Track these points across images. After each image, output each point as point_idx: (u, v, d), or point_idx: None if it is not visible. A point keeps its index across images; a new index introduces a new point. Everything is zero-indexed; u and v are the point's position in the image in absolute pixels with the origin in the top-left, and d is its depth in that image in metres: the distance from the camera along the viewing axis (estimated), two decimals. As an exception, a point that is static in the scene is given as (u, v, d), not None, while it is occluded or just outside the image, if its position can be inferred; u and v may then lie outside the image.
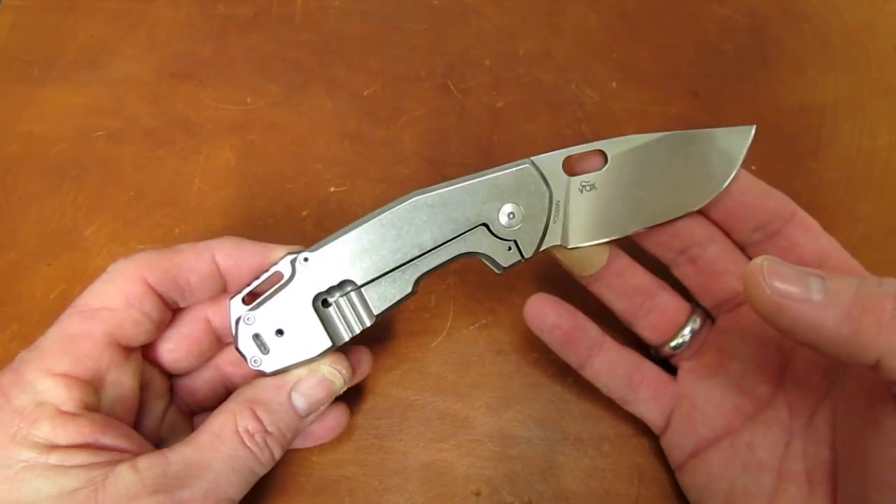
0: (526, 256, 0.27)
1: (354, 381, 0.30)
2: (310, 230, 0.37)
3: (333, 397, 0.27)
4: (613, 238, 0.28)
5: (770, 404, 0.28)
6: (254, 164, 0.39)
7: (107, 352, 0.25)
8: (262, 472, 0.26)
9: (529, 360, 0.34)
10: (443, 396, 0.33)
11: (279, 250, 0.27)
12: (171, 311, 0.28)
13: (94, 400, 0.24)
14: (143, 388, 0.27)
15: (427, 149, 0.40)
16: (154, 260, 0.26)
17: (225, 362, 0.30)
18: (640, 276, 0.30)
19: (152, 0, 0.46)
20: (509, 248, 0.27)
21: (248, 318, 0.26)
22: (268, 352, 0.26)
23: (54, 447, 0.23)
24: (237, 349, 0.26)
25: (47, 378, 0.24)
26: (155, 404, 0.28)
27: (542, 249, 0.28)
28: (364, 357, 0.30)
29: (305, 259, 0.26)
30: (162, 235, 0.37)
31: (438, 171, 0.39)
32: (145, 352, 0.28)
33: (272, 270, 0.26)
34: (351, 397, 0.33)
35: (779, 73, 0.43)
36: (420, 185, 0.27)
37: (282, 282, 0.26)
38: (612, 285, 0.30)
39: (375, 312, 0.27)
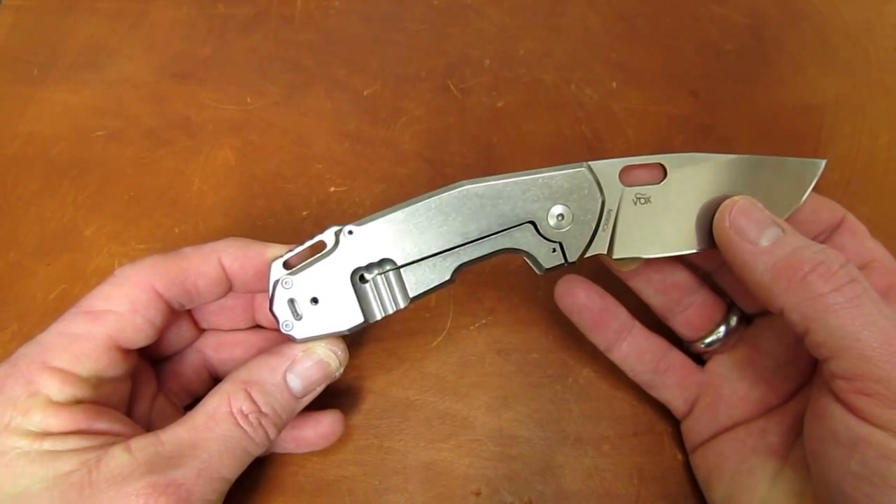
0: (570, 260, 0.27)
1: (320, 444, 0.30)
2: (310, 230, 0.37)
3: (329, 380, 0.27)
4: (660, 256, 0.27)
5: (794, 398, 0.28)
6: (254, 164, 0.39)
7: (106, 354, 0.25)
8: (256, 452, 0.26)
9: (529, 360, 0.34)
10: (443, 396, 0.33)
11: (276, 249, 0.27)
12: (175, 315, 0.28)
13: (88, 395, 0.25)
14: (133, 378, 0.28)
15: (427, 149, 0.40)
16: (162, 266, 0.26)
17: (206, 346, 0.31)
18: (678, 273, 0.30)
19: (152, 0, 0.46)
20: (553, 250, 0.27)
21: (286, 282, 0.26)
22: (300, 318, 0.26)
23: (47, 434, 0.23)
24: (271, 311, 0.26)
25: (44, 371, 0.24)
26: (144, 392, 0.28)
27: (586, 256, 0.27)
28: (337, 420, 0.30)
29: (350, 232, 0.26)
30: (162, 235, 0.37)
31: (438, 171, 0.39)
32: None
33: (316, 238, 0.26)
34: (351, 397, 0.33)
35: (779, 73, 0.43)
36: (420, 184, 0.28)
37: (324, 251, 0.26)
38: (650, 281, 0.30)
39: (411, 295, 0.26)
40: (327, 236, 0.26)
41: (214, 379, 0.31)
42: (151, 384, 0.29)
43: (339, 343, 0.27)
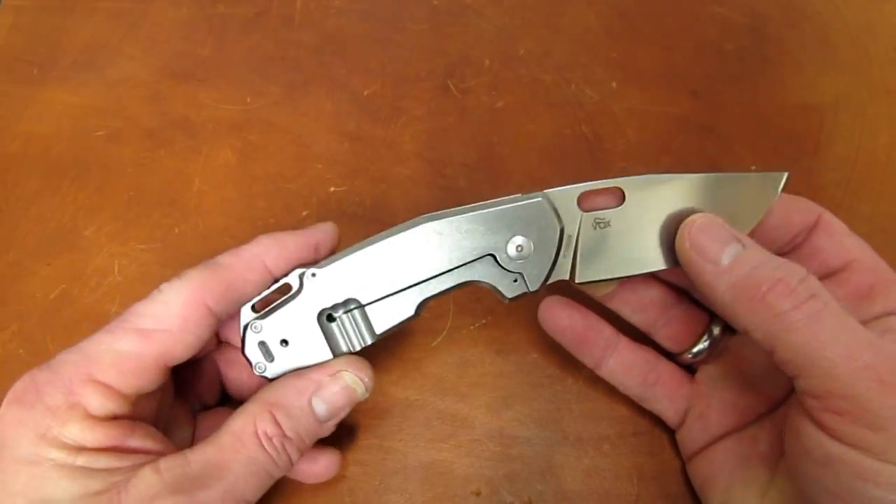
0: (531, 289, 0.27)
1: (312, 481, 0.30)
2: (310, 230, 0.37)
3: (354, 404, 0.27)
4: (624, 276, 0.27)
5: (783, 405, 0.28)
6: (254, 164, 0.39)
7: (152, 372, 0.25)
8: (278, 475, 0.26)
9: (529, 360, 0.34)
10: (443, 396, 0.33)
11: (317, 231, 0.28)
12: (220, 326, 0.28)
13: (126, 410, 0.25)
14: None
15: (427, 149, 0.40)
16: (211, 279, 0.26)
17: (220, 357, 0.31)
18: (654, 291, 0.30)
19: (152, 0, 0.46)
20: (515, 280, 0.27)
21: (255, 326, 0.27)
22: (272, 359, 0.27)
23: (82, 449, 0.23)
24: (243, 354, 0.27)
25: (87, 384, 0.24)
26: (164, 399, 0.29)
27: (549, 283, 0.27)
28: (333, 461, 0.30)
29: (313, 274, 0.27)
30: (162, 235, 0.37)
31: (438, 171, 0.39)
32: None
33: (282, 282, 0.27)
34: (351, 397, 0.33)
35: (779, 73, 0.43)
36: (420, 184, 0.28)
37: (290, 294, 0.27)
38: (627, 301, 0.30)
39: (378, 332, 0.27)
40: (292, 279, 0.27)
41: (224, 391, 0.32)
42: (170, 391, 0.29)
43: (366, 369, 0.27)
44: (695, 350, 0.30)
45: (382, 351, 0.34)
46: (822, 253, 0.27)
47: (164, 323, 0.25)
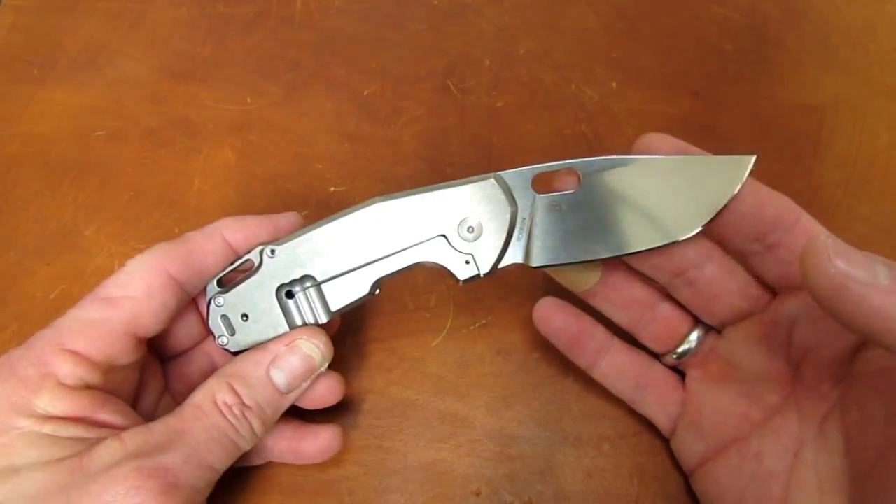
0: (482, 272, 0.27)
1: (318, 458, 0.30)
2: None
3: (314, 373, 0.28)
4: (579, 261, 0.27)
5: (779, 412, 0.27)
6: (254, 164, 0.39)
7: (122, 340, 0.26)
8: (245, 445, 0.26)
9: (529, 360, 0.34)
10: (443, 396, 0.33)
11: (281, 217, 0.29)
12: (186, 301, 0.28)
13: (98, 380, 0.25)
14: (142, 371, 0.28)
15: (427, 149, 0.40)
16: (172, 250, 0.27)
17: (213, 349, 0.31)
18: (637, 289, 0.30)
19: (152, 0, 0.46)
20: (467, 262, 0.27)
21: (218, 301, 0.27)
22: (234, 333, 0.28)
23: (49, 417, 0.24)
24: (207, 326, 0.28)
25: (57, 353, 0.24)
26: (151, 387, 0.29)
27: (502, 266, 0.27)
28: (336, 435, 0.30)
29: (272, 251, 0.27)
30: (162, 235, 0.37)
31: (438, 171, 0.39)
32: None
33: (245, 258, 0.28)
34: (351, 397, 0.33)
35: (779, 73, 0.43)
36: (420, 184, 0.28)
37: (252, 270, 0.28)
38: (609, 299, 0.30)
39: (332, 309, 0.28)
40: (254, 255, 0.28)
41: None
42: (159, 381, 0.29)
43: (321, 336, 0.28)
44: (679, 350, 0.30)
45: (382, 351, 0.34)
46: None
47: (128, 291, 0.26)
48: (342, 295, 0.27)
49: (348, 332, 0.34)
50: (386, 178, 0.39)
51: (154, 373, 0.29)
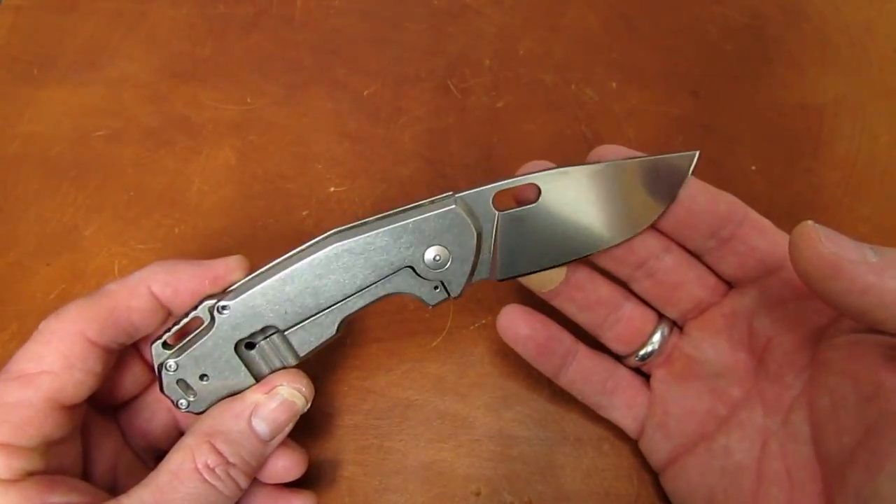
0: (453, 295, 0.27)
1: (279, 480, 0.28)
2: (310, 230, 0.37)
3: (297, 417, 0.26)
4: (545, 269, 0.28)
5: (744, 405, 0.27)
6: (254, 164, 0.39)
7: (49, 417, 0.23)
8: (231, 503, 0.25)
9: (529, 360, 0.34)
10: (443, 396, 0.33)
11: (219, 264, 0.26)
12: (116, 354, 0.26)
13: (38, 464, 0.23)
14: (86, 430, 0.26)
15: (427, 149, 0.40)
16: (89, 310, 0.25)
17: None
18: (601, 289, 0.29)
19: (152, 0, 0.46)
20: (436, 288, 0.27)
21: (169, 366, 0.26)
22: (195, 395, 0.26)
23: None
24: (162, 392, 0.26)
25: None
26: (104, 447, 0.27)
27: (471, 284, 0.27)
28: (298, 460, 0.28)
29: (224, 307, 0.25)
30: (162, 235, 0.37)
31: (438, 171, 0.39)
32: None
33: (190, 316, 0.26)
34: (351, 397, 0.33)
35: (779, 73, 0.43)
36: (420, 184, 0.28)
37: (201, 328, 0.26)
38: (573, 299, 0.29)
39: (300, 354, 0.27)
40: (202, 312, 0.26)
41: (181, 432, 0.29)
42: (112, 438, 0.27)
43: (301, 379, 0.26)
44: (641, 353, 0.30)
45: (382, 351, 0.34)
46: (758, 251, 0.26)
47: (44, 364, 0.24)
48: (308, 339, 0.26)
49: (348, 333, 0.34)
50: (386, 178, 0.39)
51: (105, 429, 0.27)
